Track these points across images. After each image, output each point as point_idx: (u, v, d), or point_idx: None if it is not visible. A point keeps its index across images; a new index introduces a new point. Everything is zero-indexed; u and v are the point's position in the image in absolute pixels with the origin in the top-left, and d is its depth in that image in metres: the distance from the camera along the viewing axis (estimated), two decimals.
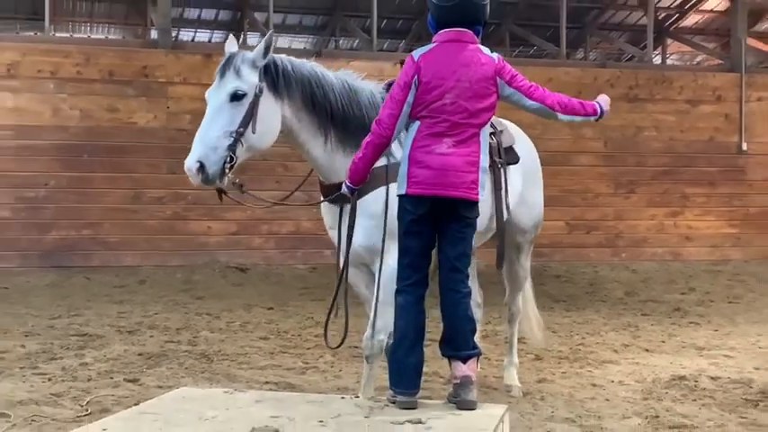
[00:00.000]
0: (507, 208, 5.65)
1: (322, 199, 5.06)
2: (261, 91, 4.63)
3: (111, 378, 6.80)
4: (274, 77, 4.72)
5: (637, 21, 20.17)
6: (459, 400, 3.87)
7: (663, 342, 8.71)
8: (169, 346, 8.18)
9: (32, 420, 5.50)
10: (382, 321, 4.73)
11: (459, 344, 3.99)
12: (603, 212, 15.86)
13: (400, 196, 4.13)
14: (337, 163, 4.90)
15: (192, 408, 3.76)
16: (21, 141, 13.13)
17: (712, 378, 6.97)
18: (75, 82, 13.39)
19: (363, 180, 4.45)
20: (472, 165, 4.03)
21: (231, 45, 4.82)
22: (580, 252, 15.59)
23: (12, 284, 12.27)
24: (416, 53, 4.18)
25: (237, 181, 4.67)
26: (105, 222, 13.86)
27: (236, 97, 4.57)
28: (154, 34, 16.32)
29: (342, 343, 4.87)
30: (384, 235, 4.67)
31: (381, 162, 4.74)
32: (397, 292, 4.09)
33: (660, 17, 19.58)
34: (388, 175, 4.63)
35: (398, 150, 4.76)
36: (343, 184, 4.46)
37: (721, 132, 16.47)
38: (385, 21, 18.52)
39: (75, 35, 18.46)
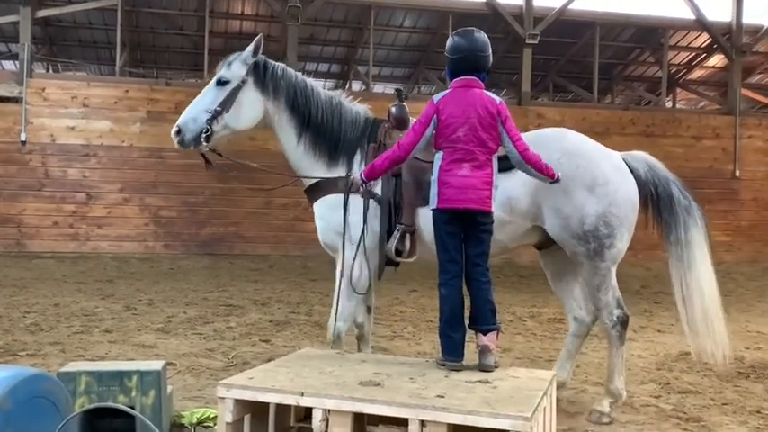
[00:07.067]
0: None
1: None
2: (244, 82, 4.42)
3: (250, 338, 6.91)
4: (261, 76, 4.48)
5: (653, 74, 20.07)
6: (480, 363, 3.78)
7: (671, 325, 8.45)
8: (291, 315, 8.26)
9: (193, 368, 5.64)
10: (341, 309, 4.48)
11: (481, 320, 3.87)
12: None
13: (433, 210, 3.94)
14: (304, 162, 4.63)
15: (314, 363, 3.76)
16: (185, 161, 13.43)
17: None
18: None
19: (374, 179, 4.15)
20: (487, 184, 3.86)
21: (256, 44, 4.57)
22: None
23: (177, 266, 12.64)
24: (436, 97, 3.97)
25: (215, 149, 4.48)
26: (245, 222, 14.17)
27: (220, 83, 4.42)
28: None
29: None
30: (344, 236, 4.45)
31: (339, 173, 4.53)
32: (441, 284, 3.88)
33: (672, 71, 19.40)
34: (348, 186, 4.34)
35: (356, 167, 4.54)
36: (360, 175, 4.12)
37: (719, 162, 16.38)
38: None
39: None
